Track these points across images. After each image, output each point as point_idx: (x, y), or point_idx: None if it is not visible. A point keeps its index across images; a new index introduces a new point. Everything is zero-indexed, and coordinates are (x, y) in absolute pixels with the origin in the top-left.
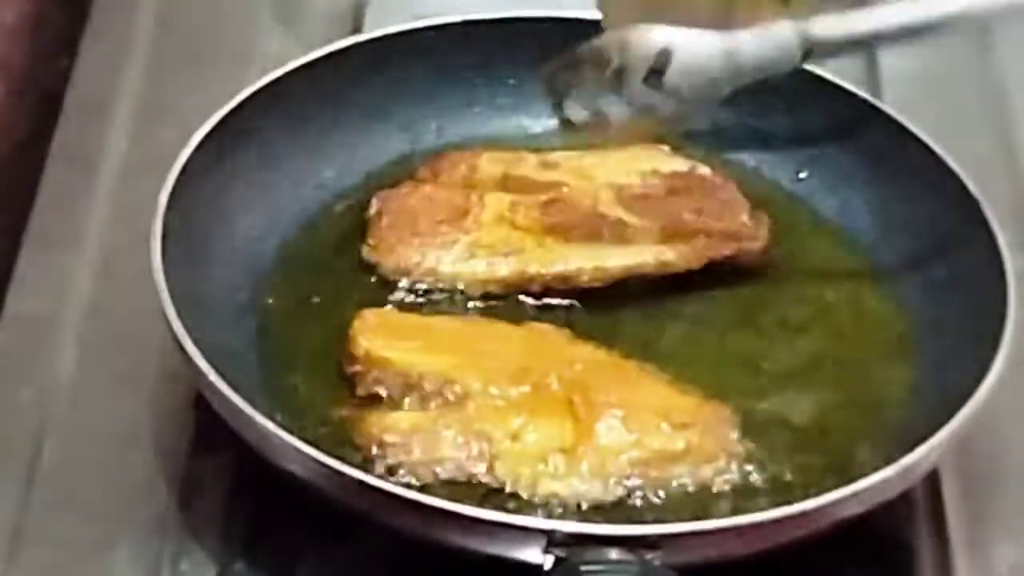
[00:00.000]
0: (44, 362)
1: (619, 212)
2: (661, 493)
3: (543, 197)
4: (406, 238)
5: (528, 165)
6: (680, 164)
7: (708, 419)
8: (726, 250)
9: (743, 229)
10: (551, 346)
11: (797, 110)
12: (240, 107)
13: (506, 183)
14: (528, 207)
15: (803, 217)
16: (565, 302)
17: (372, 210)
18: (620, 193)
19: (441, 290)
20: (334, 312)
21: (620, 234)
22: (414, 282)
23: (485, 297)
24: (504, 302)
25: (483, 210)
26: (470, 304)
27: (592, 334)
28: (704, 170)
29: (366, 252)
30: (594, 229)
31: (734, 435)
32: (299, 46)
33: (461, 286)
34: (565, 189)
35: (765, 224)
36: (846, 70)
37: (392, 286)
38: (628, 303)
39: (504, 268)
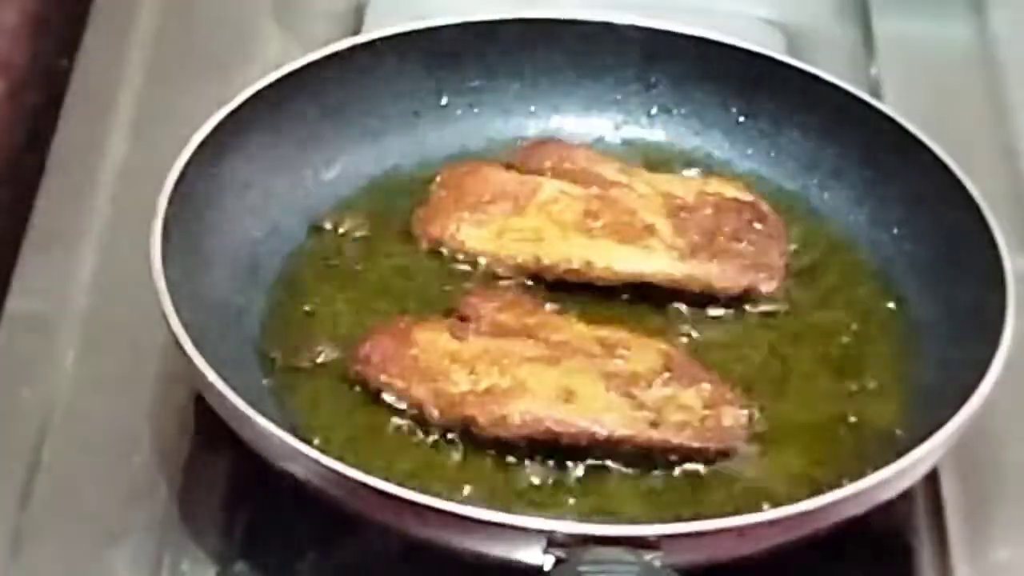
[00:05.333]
0: (44, 362)
1: (656, 218)
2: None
3: (594, 191)
4: (450, 211)
5: (609, 167)
6: (744, 194)
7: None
8: (743, 281)
9: (767, 266)
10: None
11: (796, 111)
12: (240, 107)
13: (575, 175)
14: (573, 199)
15: (802, 218)
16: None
17: (435, 182)
18: (668, 201)
19: (466, 265)
20: (333, 313)
21: (644, 239)
22: (449, 253)
23: (501, 278)
24: (518, 284)
25: (532, 197)
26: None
27: None
28: (764, 206)
29: (414, 221)
30: (620, 228)
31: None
32: (299, 46)
33: (483, 263)
34: (618, 190)
35: (782, 269)
36: (846, 70)
37: (393, 286)
38: (638, 302)
39: (520, 254)
